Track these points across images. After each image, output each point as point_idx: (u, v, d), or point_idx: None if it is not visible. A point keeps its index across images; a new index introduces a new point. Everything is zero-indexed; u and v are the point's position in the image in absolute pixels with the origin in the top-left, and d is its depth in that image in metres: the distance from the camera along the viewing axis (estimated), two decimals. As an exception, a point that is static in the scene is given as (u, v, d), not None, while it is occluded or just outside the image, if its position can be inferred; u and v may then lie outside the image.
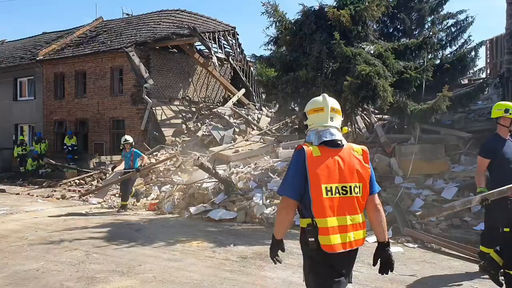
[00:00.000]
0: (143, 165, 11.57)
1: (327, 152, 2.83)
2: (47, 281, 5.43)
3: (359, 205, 2.86)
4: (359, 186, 2.85)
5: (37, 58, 21.90)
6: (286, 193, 2.85)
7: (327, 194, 2.76)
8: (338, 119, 2.98)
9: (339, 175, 2.80)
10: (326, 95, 3.04)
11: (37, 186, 16.55)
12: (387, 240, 3.06)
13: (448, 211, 5.33)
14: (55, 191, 15.08)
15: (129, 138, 11.45)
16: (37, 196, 14.27)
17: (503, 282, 4.80)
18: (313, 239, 2.80)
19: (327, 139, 2.85)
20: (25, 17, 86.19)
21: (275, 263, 3.08)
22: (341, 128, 3.00)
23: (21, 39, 27.89)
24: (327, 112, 2.93)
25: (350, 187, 2.82)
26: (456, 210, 5.23)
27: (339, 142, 2.87)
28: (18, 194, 14.89)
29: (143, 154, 11.73)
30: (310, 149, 2.82)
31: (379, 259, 3.12)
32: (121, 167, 11.59)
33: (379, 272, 3.14)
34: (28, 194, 14.85)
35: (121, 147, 11.92)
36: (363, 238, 2.96)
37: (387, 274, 3.13)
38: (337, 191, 2.79)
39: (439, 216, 5.77)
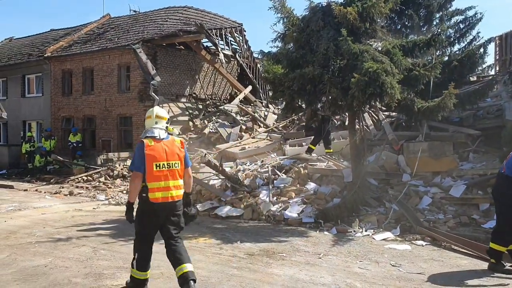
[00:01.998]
0: None
1: (158, 142, 4.61)
2: (55, 277, 5.47)
3: (179, 174, 4.69)
4: (178, 163, 4.67)
5: (45, 55, 21.98)
6: (135, 169, 4.59)
7: (156, 168, 4.53)
8: (162, 123, 4.75)
9: (166, 156, 4.58)
10: (155, 107, 4.95)
11: (45, 183, 16.64)
12: (190, 191, 4.96)
13: None
14: (62, 187, 15.16)
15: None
16: (45, 192, 14.36)
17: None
18: (144, 195, 4.54)
19: (149, 135, 4.65)
20: (33, 15, 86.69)
21: (131, 223, 4.69)
22: (167, 127, 4.79)
23: (29, 36, 28.01)
24: (153, 119, 4.74)
25: (172, 163, 4.62)
26: None
27: (158, 137, 4.62)
28: (26, 190, 15.00)
29: None
30: (147, 141, 4.59)
31: (185, 202, 4.86)
32: None
33: (184, 208, 4.87)
34: (36, 190, 14.95)
35: None
36: (182, 194, 4.73)
37: (188, 211, 4.92)
38: (163, 166, 4.56)
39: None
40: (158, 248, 6.83)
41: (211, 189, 10.48)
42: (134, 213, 4.73)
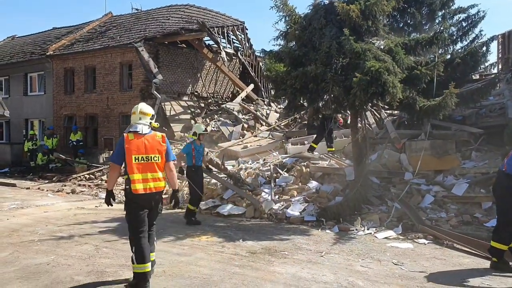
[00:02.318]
0: None
1: (138, 137, 4.88)
2: (58, 275, 5.48)
3: (158, 167, 4.94)
4: (158, 156, 4.94)
5: (47, 53, 22.01)
6: (114, 161, 4.97)
7: (135, 161, 4.80)
8: (146, 119, 5.02)
9: (145, 150, 4.86)
10: (140, 104, 5.18)
11: (47, 181, 16.66)
12: (176, 188, 5.27)
13: None
14: (65, 185, 15.19)
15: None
16: (47, 190, 14.38)
17: None
18: (128, 187, 4.86)
19: (132, 130, 4.92)
20: (36, 13, 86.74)
21: (108, 206, 5.17)
22: (151, 123, 5.03)
23: (31, 35, 28.06)
24: (137, 114, 5.01)
25: (151, 156, 4.89)
26: None
27: (140, 132, 4.89)
28: (28, 188, 15.01)
29: None
30: (128, 135, 4.86)
31: (173, 199, 5.30)
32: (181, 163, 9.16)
33: (172, 208, 5.59)
34: (38, 188, 14.97)
35: (192, 138, 9.05)
36: (163, 186, 5.01)
37: (175, 209, 5.51)
38: (142, 159, 4.84)
39: None
40: (160, 247, 6.86)
41: (223, 182, 10.42)
42: (123, 205, 5.06)
